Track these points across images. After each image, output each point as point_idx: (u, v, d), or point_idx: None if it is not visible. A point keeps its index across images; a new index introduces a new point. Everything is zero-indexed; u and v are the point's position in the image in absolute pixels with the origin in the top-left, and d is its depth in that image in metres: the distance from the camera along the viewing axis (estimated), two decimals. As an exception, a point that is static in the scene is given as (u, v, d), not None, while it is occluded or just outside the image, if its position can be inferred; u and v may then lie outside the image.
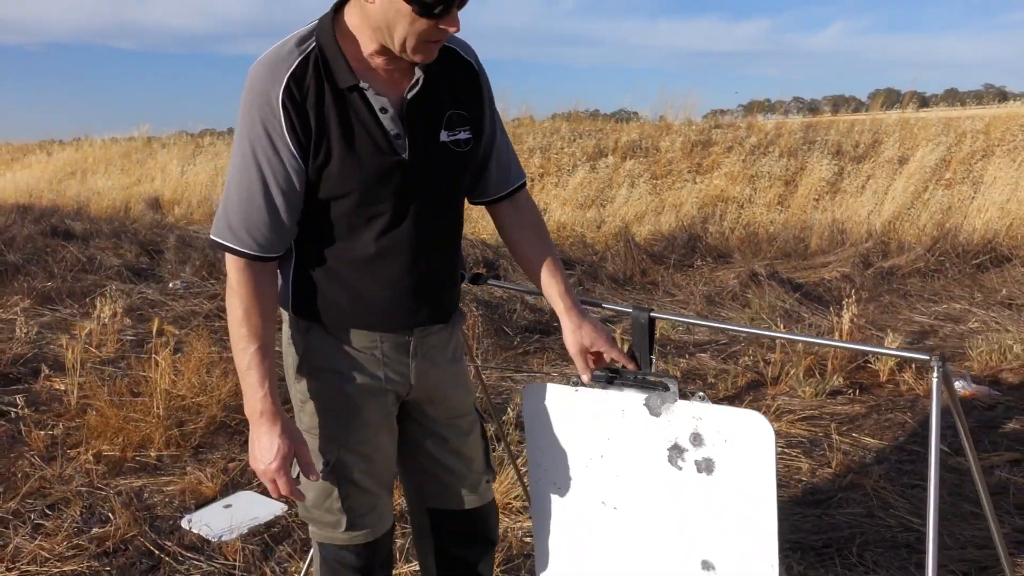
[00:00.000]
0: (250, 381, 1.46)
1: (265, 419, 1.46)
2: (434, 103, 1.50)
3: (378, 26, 1.36)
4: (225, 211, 1.44)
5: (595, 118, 16.13)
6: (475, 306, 5.18)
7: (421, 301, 1.59)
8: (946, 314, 5.65)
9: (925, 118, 12.50)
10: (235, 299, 1.46)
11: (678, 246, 8.04)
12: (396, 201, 1.49)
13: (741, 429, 1.53)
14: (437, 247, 1.59)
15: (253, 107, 1.39)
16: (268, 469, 1.46)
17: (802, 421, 3.68)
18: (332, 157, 1.41)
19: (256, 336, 1.46)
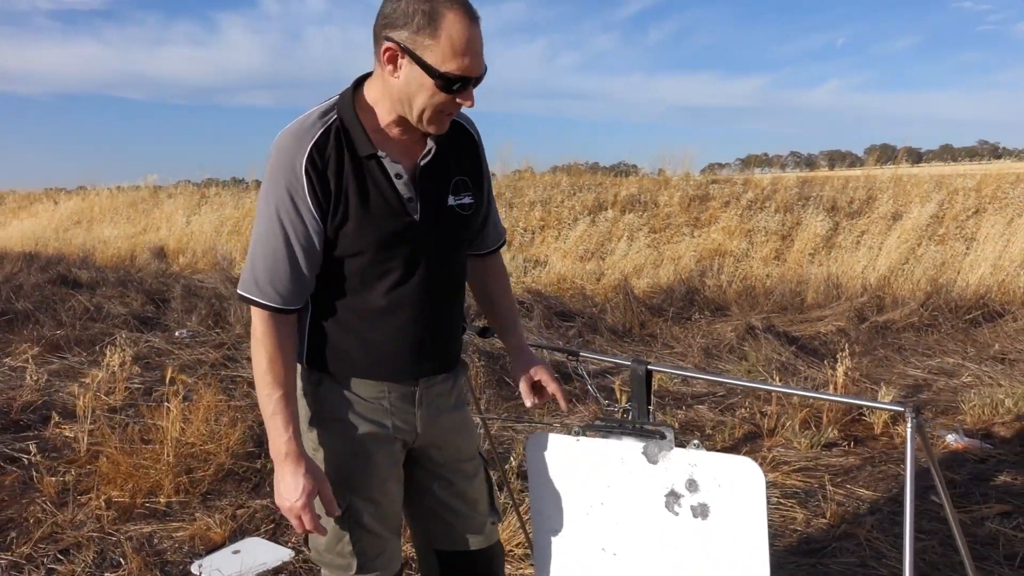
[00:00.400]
0: (275, 425, 1.57)
1: (290, 460, 1.56)
2: (443, 170, 1.65)
3: (399, 98, 1.51)
4: (252, 268, 1.56)
5: (595, 171, 16.43)
6: (477, 357, 5.29)
7: (427, 352, 1.70)
8: (939, 368, 5.75)
9: (918, 175, 12.77)
10: (260, 349, 1.57)
11: (676, 299, 8.17)
12: (407, 258, 1.61)
13: (734, 474, 1.63)
14: (443, 301, 1.70)
15: (279, 173, 1.52)
16: (294, 506, 1.56)
17: (797, 472, 3.76)
18: (349, 218, 1.54)
19: (280, 383, 1.57)
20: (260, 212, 1.56)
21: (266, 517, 3.35)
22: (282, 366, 1.58)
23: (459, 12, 1.44)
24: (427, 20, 1.42)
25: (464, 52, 1.44)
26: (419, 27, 1.43)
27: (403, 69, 1.48)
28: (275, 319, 1.57)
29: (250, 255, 1.58)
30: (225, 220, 14.38)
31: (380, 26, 1.49)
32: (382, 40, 1.48)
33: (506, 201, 12.85)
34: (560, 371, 5.51)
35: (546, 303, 7.76)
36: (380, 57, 1.50)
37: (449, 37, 1.43)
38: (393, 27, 1.46)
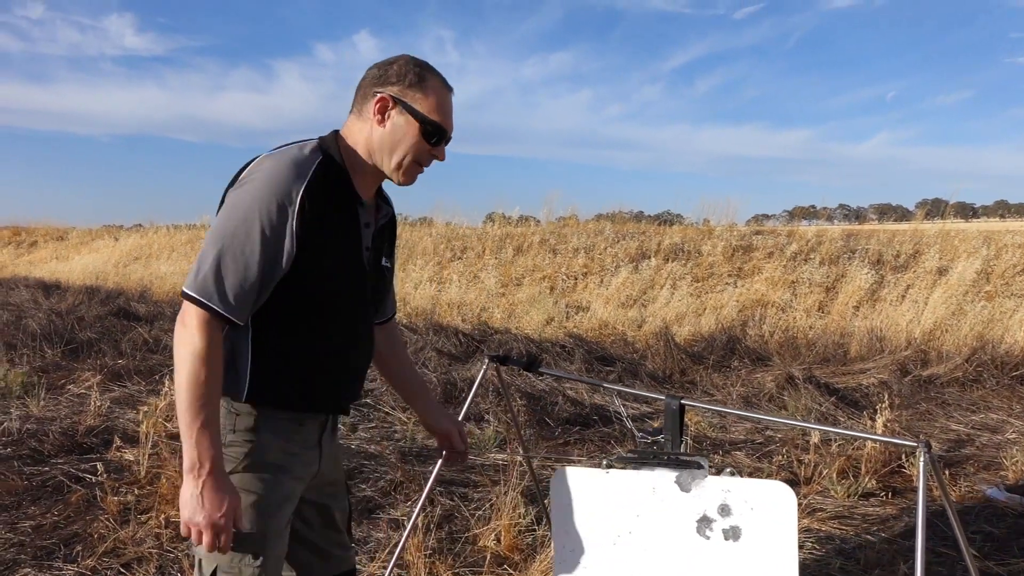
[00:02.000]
0: (204, 437, 1.53)
1: (215, 474, 1.54)
2: (386, 234, 1.88)
3: (381, 146, 1.70)
4: (215, 273, 1.54)
5: (639, 220, 16.59)
6: (519, 396, 5.42)
7: (352, 389, 1.86)
8: (983, 424, 5.71)
9: (966, 230, 12.66)
10: (200, 359, 1.53)
11: (717, 347, 8.22)
12: (353, 302, 1.76)
13: (767, 497, 1.74)
14: (367, 347, 1.88)
15: (274, 192, 1.57)
16: (214, 520, 1.54)
17: (833, 520, 3.80)
18: (325, 254, 1.64)
19: (214, 396, 1.55)
20: (236, 219, 1.57)
21: (314, 542, 3.50)
22: (215, 377, 1.56)
23: (442, 80, 1.73)
24: (418, 79, 1.69)
25: (445, 110, 1.72)
26: (411, 84, 1.68)
27: (392, 119, 1.68)
28: (218, 329, 1.57)
29: (214, 260, 1.55)
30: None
31: (370, 84, 1.70)
32: (372, 94, 1.69)
33: (550, 247, 13.06)
34: (599, 413, 5.62)
35: (587, 348, 7.88)
36: (369, 108, 1.69)
37: (436, 93, 1.70)
38: (386, 84, 1.69)
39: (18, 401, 5.72)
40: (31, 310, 10.32)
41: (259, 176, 1.60)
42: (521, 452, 2.87)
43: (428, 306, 11.24)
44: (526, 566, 3.19)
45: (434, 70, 1.72)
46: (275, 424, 1.70)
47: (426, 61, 1.73)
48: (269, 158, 1.63)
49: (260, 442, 1.68)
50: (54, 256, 21.85)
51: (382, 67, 1.71)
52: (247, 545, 1.67)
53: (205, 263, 1.56)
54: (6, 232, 26.21)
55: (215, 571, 1.67)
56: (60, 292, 13.29)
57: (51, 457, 4.51)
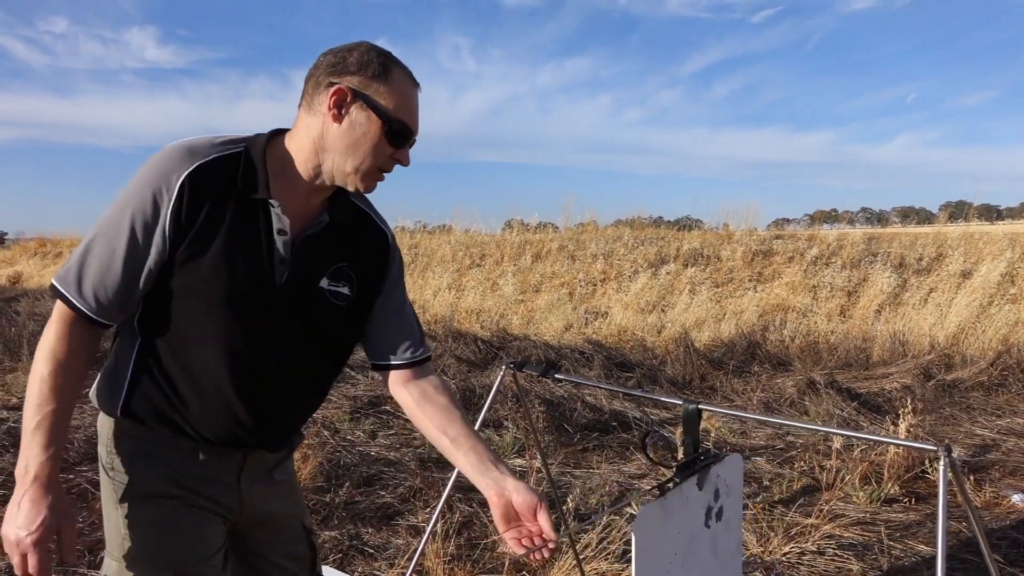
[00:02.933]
0: (36, 441, 1.35)
1: (38, 485, 1.34)
2: (328, 249, 1.52)
3: (333, 146, 1.43)
4: (79, 264, 1.39)
5: (658, 225, 16.55)
6: (538, 403, 5.42)
7: (257, 427, 1.53)
8: (1009, 428, 5.63)
9: (990, 232, 12.51)
10: (48, 354, 1.38)
11: (737, 353, 8.18)
12: (258, 320, 1.46)
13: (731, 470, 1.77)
14: (290, 383, 1.55)
15: (149, 180, 1.37)
16: (23, 540, 1.31)
17: (855, 525, 3.76)
18: (209, 252, 1.39)
19: (57, 396, 1.37)
20: (110, 212, 1.39)
21: (334, 548, 3.52)
22: (65, 379, 1.38)
23: (408, 73, 1.47)
24: (383, 70, 1.42)
25: (411, 109, 1.46)
26: (374, 75, 1.41)
27: (350, 115, 1.42)
28: (79, 327, 1.40)
29: (82, 250, 1.39)
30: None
31: (324, 73, 1.43)
32: (326, 85, 1.42)
33: (568, 253, 13.06)
34: (619, 419, 5.61)
35: (606, 353, 7.86)
36: (322, 101, 1.42)
37: (401, 87, 1.44)
38: (343, 73, 1.41)
39: (43, 409, 5.80)
40: (56, 320, 10.47)
41: (145, 165, 1.40)
42: (539, 457, 2.86)
43: (447, 313, 11.27)
44: (545, 572, 3.19)
45: (399, 61, 1.46)
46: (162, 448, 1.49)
47: (389, 51, 1.47)
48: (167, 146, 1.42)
49: (146, 466, 1.49)
50: (79, 266, 22.12)
51: (339, 53, 1.43)
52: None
53: (75, 253, 1.41)
54: (32, 243, 26.57)
55: None
56: (84, 302, 13.46)
57: (76, 464, 4.56)
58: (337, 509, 3.93)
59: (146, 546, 1.48)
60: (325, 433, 5.31)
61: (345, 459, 4.74)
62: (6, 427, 5.25)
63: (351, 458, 4.77)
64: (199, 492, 1.52)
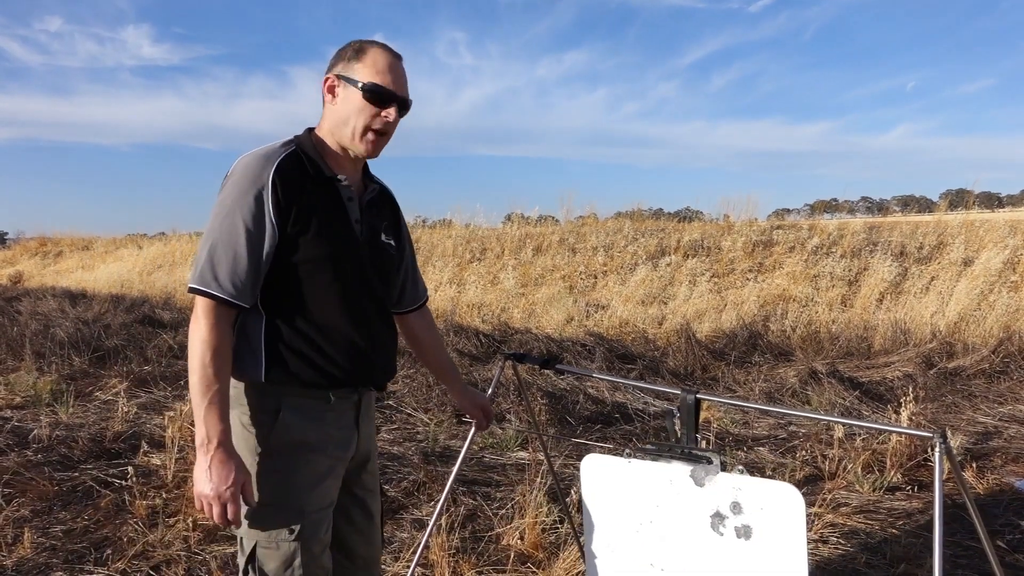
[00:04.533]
0: (212, 414, 1.62)
1: (222, 450, 1.63)
2: (379, 211, 1.95)
3: (339, 121, 1.81)
4: (209, 264, 1.67)
5: (658, 217, 16.54)
6: (540, 396, 5.43)
7: (374, 363, 1.87)
8: (1011, 415, 5.64)
9: (991, 220, 12.49)
10: (204, 343, 1.63)
11: (739, 343, 8.18)
12: (353, 272, 1.81)
13: (775, 499, 1.74)
14: (383, 321, 1.91)
15: (246, 183, 1.69)
16: (223, 493, 1.62)
17: (858, 514, 3.77)
18: (309, 228, 1.73)
19: (221, 377, 1.65)
20: (220, 216, 1.69)
21: (339, 542, 3.53)
22: (224, 361, 1.66)
23: (382, 47, 1.82)
24: (355, 53, 1.81)
25: (386, 71, 1.79)
26: (349, 58, 1.80)
27: (340, 95, 1.80)
28: (224, 314, 1.67)
29: (207, 252, 1.68)
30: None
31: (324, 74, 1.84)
32: (323, 81, 1.83)
33: (569, 246, 13.05)
34: (621, 411, 5.62)
35: (607, 346, 7.87)
36: (323, 93, 1.83)
37: (373, 60, 1.79)
38: (331, 68, 1.83)
39: (48, 408, 5.82)
40: (58, 319, 10.48)
41: (235, 172, 1.72)
42: (542, 450, 2.88)
43: (448, 307, 11.28)
44: (550, 564, 3.20)
45: (377, 43, 1.82)
46: (300, 403, 1.77)
47: (372, 40, 1.84)
48: (245, 156, 1.75)
49: (285, 421, 1.75)
50: (80, 265, 22.14)
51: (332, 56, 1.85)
52: (282, 520, 1.74)
53: (201, 257, 1.69)
54: (33, 243, 26.60)
55: (255, 547, 1.75)
56: (86, 301, 13.47)
57: (80, 463, 4.58)
58: (341, 504, 3.94)
59: (278, 492, 1.75)
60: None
61: (348, 454, 4.75)
62: (10, 426, 5.28)
63: (354, 453, 4.79)
64: (328, 440, 1.80)
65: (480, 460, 4.64)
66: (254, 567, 1.76)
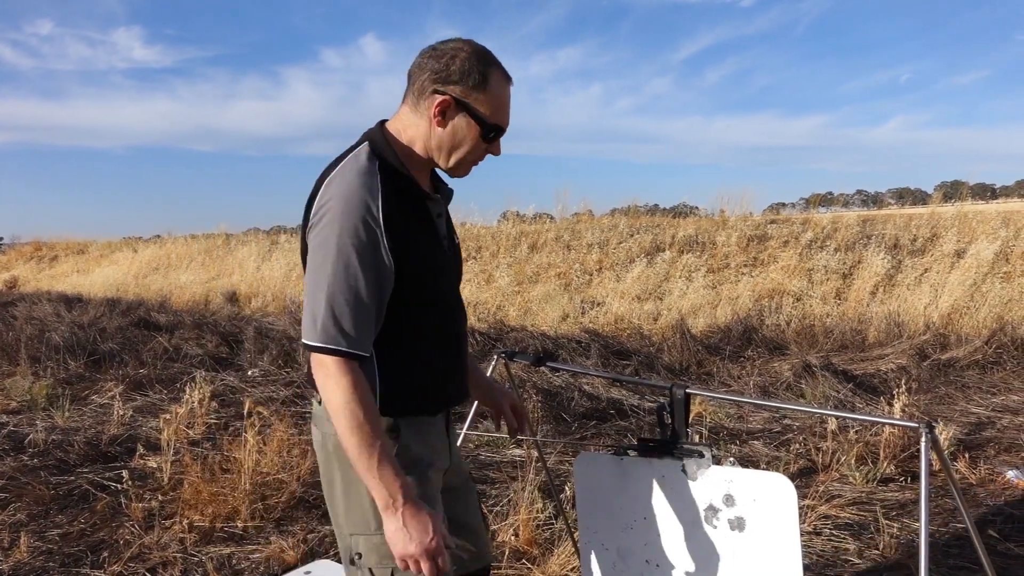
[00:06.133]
0: (386, 472, 1.51)
1: (410, 504, 1.53)
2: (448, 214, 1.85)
3: (439, 146, 1.65)
4: (332, 317, 1.51)
5: (653, 213, 16.55)
6: (534, 392, 5.44)
7: (464, 380, 1.84)
8: (1004, 406, 5.67)
9: (984, 211, 12.53)
10: (354, 402, 1.50)
11: (734, 338, 8.21)
12: (448, 291, 1.75)
13: (768, 489, 1.76)
14: (464, 330, 1.85)
15: (355, 218, 1.51)
16: (430, 547, 1.52)
17: (851, 506, 3.80)
18: (418, 257, 1.61)
19: (378, 431, 1.52)
20: (333, 256, 1.53)
21: (334, 542, 3.54)
22: (376, 414, 1.54)
23: (504, 74, 1.66)
24: (481, 79, 1.60)
25: (505, 108, 1.66)
26: (474, 84, 1.60)
27: (452, 122, 1.62)
28: (357, 367, 1.54)
29: (326, 302, 1.52)
30: (294, 266, 14.93)
31: (430, 80, 1.60)
32: (432, 93, 1.60)
33: (564, 243, 13.07)
34: (616, 407, 5.64)
35: (603, 342, 7.89)
36: (427, 106, 1.61)
37: (498, 93, 1.64)
38: (447, 82, 1.60)
39: (43, 413, 5.82)
40: (54, 323, 10.47)
41: (334, 205, 1.54)
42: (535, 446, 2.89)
43: (444, 306, 11.28)
44: (544, 560, 3.22)
45: (497, 63, 1.65)
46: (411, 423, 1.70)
47: (487, 51, 1.65)
48: (334, 181, 1.57)
49: (404, 441, 1.68)
50: (75, 269, 22.11)
51: (442, 59, 1.60)
52: None
53: (319, 310, 1.52)
54: (28, 247, 26.54)
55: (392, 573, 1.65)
56: (82, 305, 13.46)
57: (76, 466, 4.59)
58: (337, 503, 3.96)
59: None
60: (324, 429, 5.33)
61: (344, 454, 4.76)
62: (6, 431, 5.28)
63: (350, 453, 4.79)
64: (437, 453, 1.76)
65: (475, 458, 4.65)
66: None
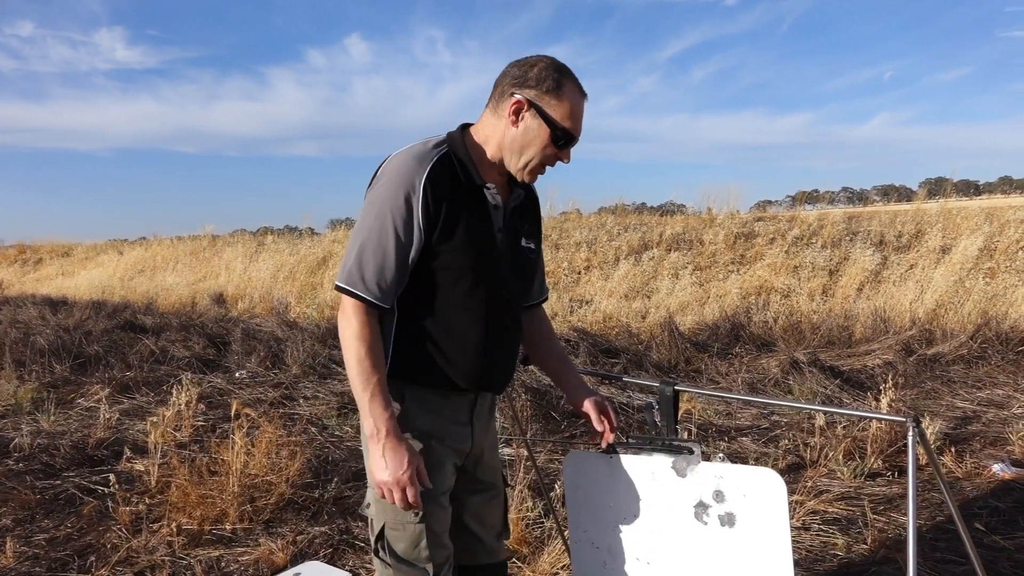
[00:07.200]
0: (376, 404, 1.69)
1: (392, 437, 1.69)
2: (521, 215, 1.93)
3: (511, 145, 1.78)
4: (358, 264, 1.72)
5: (641, 211, 16.58)
6: (524, 391, 5.44)
7: (497, 369, 1.89)
8: (989, 400, 5.71)
9: (968, 207, 12.63)
10: (358, 339, 1.70)
11: (722, 335, 8.23)
12: (491, 282, 1.81)
13: (757, 485, 1.76)
14: (510, 328, 1.91)
15: (399, 185, 1.71)
16: (400, 478, 1.69)
17: (839, 501, 3.82)
18: (455, 236, 1.74)
19: (378, 368, 1.71)
20: (371, 216, 1.73)
21: (324, 543, 3.53)
22: (378, 353, 1.72)
23: (578, 86, 1.79)
24: (555, 85, 1.74)
25: (576, 117, 1.77)
26: (548, 89, 1.74)
27: (524, 121, 1.75)
28: (371, 314, 1.72)
29: (357, 252, 1.73)
30: (281, 267, 14.87)
31: (509, 84, 1.77)
32: (509, 95, 1.76)
33: (552, 242, 13.08)
34: (605, 406, 5.63)
35: (591, 341, 7.90)
36: (504, 108, 1.76)
37: (570, 102, 1.76)
38: (523, 86, 1.75)
39: (28, 417, 5.77)
40: (39, 327, 10.37)
41: (387, 172, 1.74)
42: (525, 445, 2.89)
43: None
44: (535, 559, 3.22)
45: (572, 76, 1.78)
46: (420, 395, 1.82)
47: (565, 65, 1.78)
48: (396, 155, 1.76)
49: (406, 409, 1.80)
50: (60, 272, 21.93)
51: (523, 67, 1.76)
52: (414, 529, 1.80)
53: (349, 257, 1.73)
54: (12, 251, 26.31)
55: (383, 528, 1.82)
56: (67, 308, 13.35)
57: (63, 470, 4.55)
58: (327, 504, 3.95)
59: None
60: (313, 429, 5.32)
61: (333, 455, 4.75)
62: (-9, 436, 5.23)
63: (339, 454, 4.79)
64: (445, 432, 1.84)
65: (465, 457, 4.64)
66: (383, 546, 1.83)
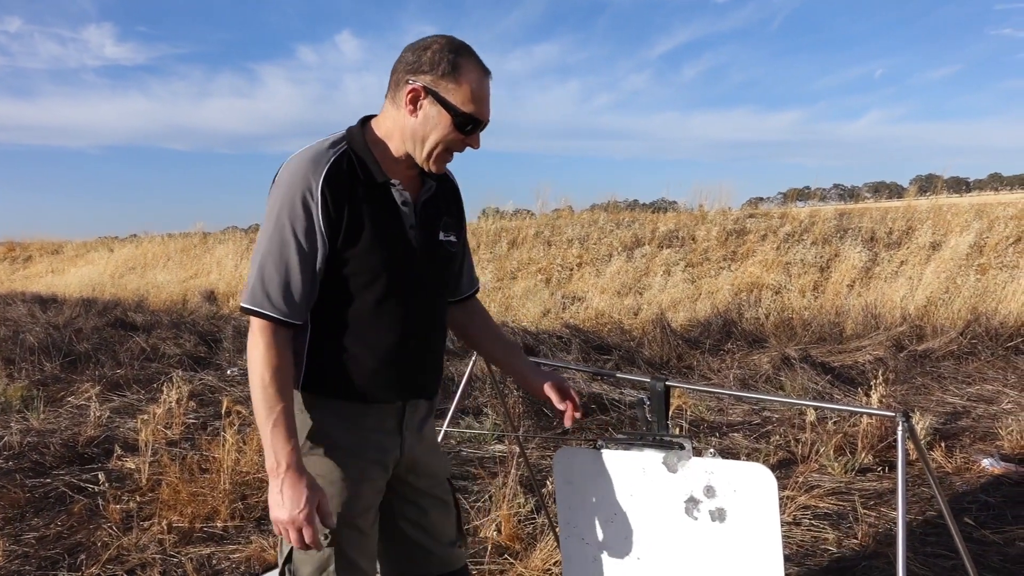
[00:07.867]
0: (278, 436, 1.57)
1: (292, 471, 1.56)
2: (436, 207, 1.81)
3: (412, 136, 1.66)
4: (261, 280, 1.60)
5: (633, 208, 16.61)
6: (515, 388, 5.44)
7: (421, 375, 1.79)
8: (979, 395, 5.74)
9: (958, 204, 12.69)
10: (262, 363, 1.58)
11: (713, 332, 8.25)
12: (406, 284, 1.70)
13: (748, 480, 1.77)
14: (432, 330, 1.81)
15: (295, 192, 1.59)
16: (296, 518, 1.55)
17: (830, 496, 3.83)
18: (361, 240, 1.63)
19: (283, 396, 1.58)
20: (269, 227, 1.61)
21: (316, 540, 3.53)
22: (284, 379, 1.60)
23: (478, 65, 1.66)
24: (451, 68, 1.62)
25: (479, 98, 1.65)
26: (444, 73, 1.62)
27: (423, 109, 1.64)
28: (279, 333, 1.60)
29: (258, 268, 1.61)
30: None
31: (402, 71, 1.65)
32: (405, 83, 1.64)
33: (544, 239, 13.08)
34: (597, 402, 5.65)
35: (584, 337, 7.91)
36: (401, 97, 1.65)
37: (469, 84, 1.63)
38: (417, 72, 1.63)
39: (18, 415, 5.74)
40: (28, 324, 10.33)
41: (283, 179, 1.63)
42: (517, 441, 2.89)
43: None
44: (527, 555, 3.22)
45: (470, 54, 1.66)
46: (336, 408, 1.71)
47: (462, 43, 1.66)
48: (292, 159, 1.65)
49: (320, 424, 1.70)
50: (50, 270, 21.83)
51: (416, 51, 1.65)
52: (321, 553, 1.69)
53: (252, 275, 1.62)
54: (1, 248, 26.18)
55: (291, 551, 1.71)
56: (57, 305, 13.29)
57: (53, 469, 4.53)
58: (318, 502, 3.93)
59: None
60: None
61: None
62: (-20, 434, 5.20)
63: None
64: (366, 443, 1.73)
65: (457, 454, 4.65)
66: (290, 569, 1.73)
